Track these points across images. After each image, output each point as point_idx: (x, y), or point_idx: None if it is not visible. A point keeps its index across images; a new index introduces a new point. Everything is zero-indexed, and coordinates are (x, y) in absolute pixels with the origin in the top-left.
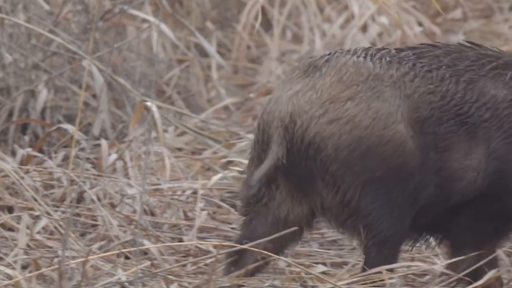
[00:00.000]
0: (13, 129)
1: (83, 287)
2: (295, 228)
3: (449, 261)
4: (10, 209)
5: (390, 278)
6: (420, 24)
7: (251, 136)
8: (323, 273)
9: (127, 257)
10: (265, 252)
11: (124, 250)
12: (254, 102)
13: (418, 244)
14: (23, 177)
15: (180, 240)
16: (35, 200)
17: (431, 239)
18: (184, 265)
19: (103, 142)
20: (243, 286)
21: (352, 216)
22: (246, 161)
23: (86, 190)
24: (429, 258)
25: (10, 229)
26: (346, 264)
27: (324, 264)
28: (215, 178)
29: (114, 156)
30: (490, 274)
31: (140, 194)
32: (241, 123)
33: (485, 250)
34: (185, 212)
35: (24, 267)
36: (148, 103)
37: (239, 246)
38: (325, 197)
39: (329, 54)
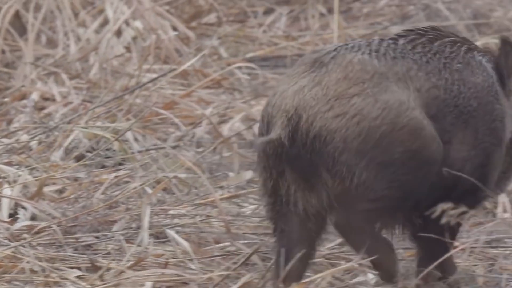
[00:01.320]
0: None
1: None
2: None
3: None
4: None
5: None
6: (174, 28)
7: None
8: (78, 277)
9: None
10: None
11: None
12: (8, 106)
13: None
14: None
15: None
16: None
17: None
18: None
19: None
20: None
21: (361, 201)
22: None
23: None
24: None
25: None
26: (101, 268)
27: (78, 268)
28: None
29: None
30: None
31: None
32: None
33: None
34: None
35: None
36: None
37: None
38: (332, 187)
39: (334, 50)
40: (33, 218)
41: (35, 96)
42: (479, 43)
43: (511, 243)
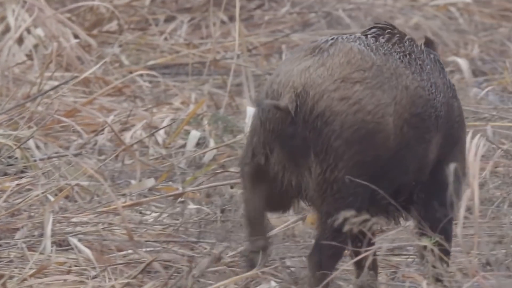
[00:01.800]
0: None
1: None
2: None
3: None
4: None
5: None
6: (76, 36)
7: None
8: None
9: None
10: None
11: None
12: None
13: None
14: None
15: None
16: None
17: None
18: None
19: None
20: None
21: (331, 194)
22: None
23: None
24: None
25: None
26: (3, 276)
27: None
28: None
29: None
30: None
31: None
32: None
33: None
34: None
35: None
36: None
37: None
38: (313, 171)
39: (331, 39)
40: None
41: None
42: None
43: (414, 251)
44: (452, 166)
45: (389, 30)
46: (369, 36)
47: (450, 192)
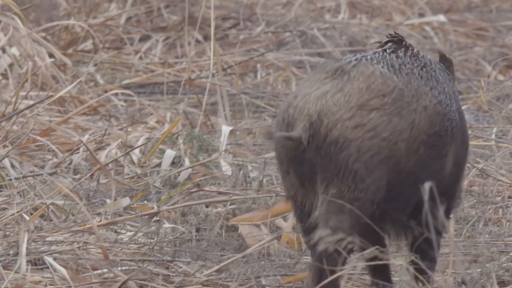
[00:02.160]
0: None
1: None
2: None
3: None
4: None
5: None
6: (51, 55)
7: None
8: None
9: None
10: None
11: None
12: None
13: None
14: None
15: None
16: None
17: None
18: None
19: None
20: None
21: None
22: None
23: None
24: None
25: None
26: None
27: None
28: None
29: None
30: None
31: None
32: None
33: None
34: None
35: None
36: None
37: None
38: (322, 193)
39: (356, 59)
40: None
41: None
42: None
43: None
44: (427, 185)
45: (404, 43)
46: (388, 52)
47: (425, 211)
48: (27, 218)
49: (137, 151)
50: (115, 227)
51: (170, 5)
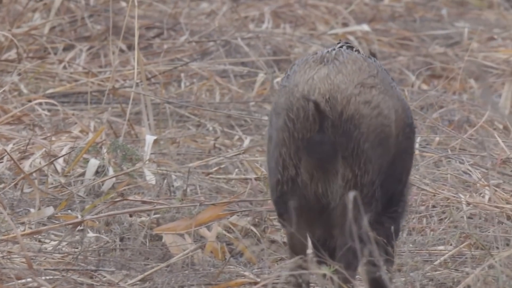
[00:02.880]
0: None
1: None
2: None
3: None
4: None
5: None
6: None
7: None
8: None
9: None
10: None
11: None
12: None
13: None
14: None
15: None
16: None
17: None
18: None
19: None
20: None
21: (361, 198)
22: None
23: None
24: None
25: None
26: None
27: None
28: None
29: None
30: None
31: None
32: None
33: None
34: None
35: None
36: None
37: None
38: (342, 175)
39: (333, 49)
40: None
41: None
42: (279, 79)
43: (314, 279)
44: (351, 194)
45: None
46: (345, 48)
47: (349, 220)
48: None
49: (61, 160)
50: (39, 237)
51: (94, 15)
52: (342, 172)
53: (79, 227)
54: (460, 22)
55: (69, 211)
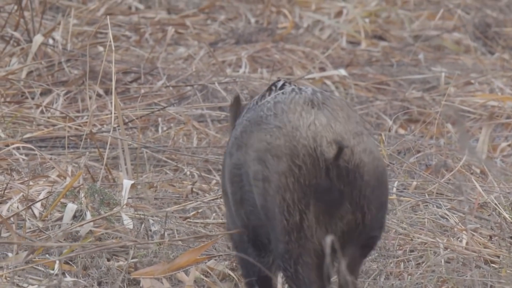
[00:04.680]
0: None
1: None
2: None
3: None
4: None
5: None
6: None
7: None
8: None
9: None
10: None
11: None
12: None
13: None
14: None
15: None
16: None
17: None
18: None
19: None
20: None
21: (363, 233)
22: None
23: None
24: None
25: None
26: None
27: None
28: None
29: None
30: None
31: None
32: None
33: None
34: None
35: None
36: None
37: None
38: (349, 218)
39: (319, 92)
40: None
41: None
42: None
43: None
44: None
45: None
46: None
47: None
48: None
49: (38, 205)
50: (17, 281)
51: (71, 59)
52: (347, 217)
53: (56, 272)
54: (437, 67)
55: (47, 255)
